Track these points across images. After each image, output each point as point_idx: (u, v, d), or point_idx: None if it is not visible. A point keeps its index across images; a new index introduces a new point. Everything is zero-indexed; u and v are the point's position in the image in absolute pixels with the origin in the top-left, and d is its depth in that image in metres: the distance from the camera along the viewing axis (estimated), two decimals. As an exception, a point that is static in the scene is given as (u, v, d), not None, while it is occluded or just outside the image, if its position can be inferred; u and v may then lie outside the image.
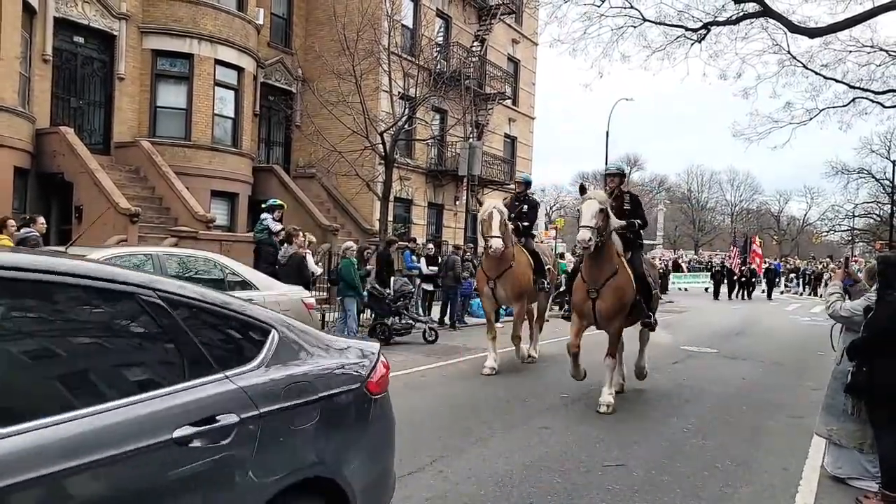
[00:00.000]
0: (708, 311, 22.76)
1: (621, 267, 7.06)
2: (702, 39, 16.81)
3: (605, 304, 6.97)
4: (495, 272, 8.98)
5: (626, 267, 7.13)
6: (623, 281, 6.99)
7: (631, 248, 7.42)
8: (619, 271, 7.00)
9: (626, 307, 7.10)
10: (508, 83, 27.49)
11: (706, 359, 11.21)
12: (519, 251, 9.29)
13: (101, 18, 16.37)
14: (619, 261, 7.09)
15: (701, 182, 70.32)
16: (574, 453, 5.51)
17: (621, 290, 6.98)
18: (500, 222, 8.63)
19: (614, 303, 6.96)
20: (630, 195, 7.65)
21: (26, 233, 9.63)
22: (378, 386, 3.13)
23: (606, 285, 6.96)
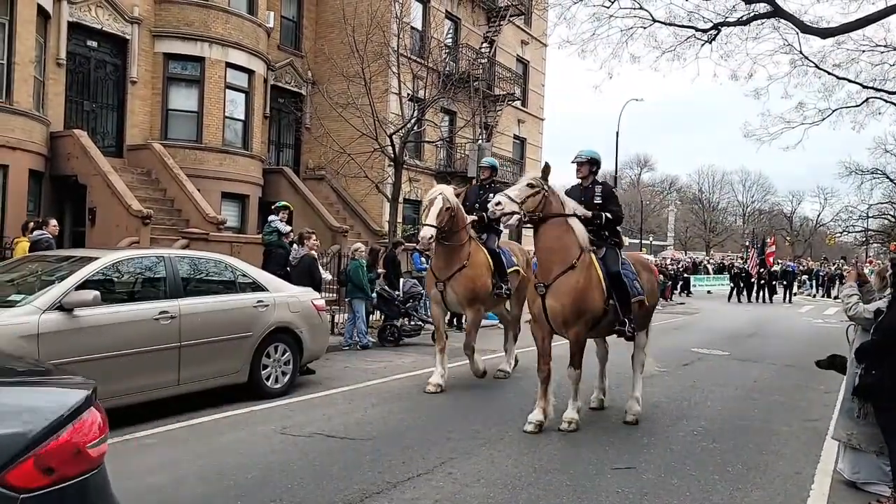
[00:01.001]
0: (720, 312, 22.62)
1: (583, 262, 5.99)
2: (712, 40, 16.71)
3: (557, 303, 5.93)
4: (445, 273, 7.78)
5: (594, 264, 6.08)
6: (581, 276, 5.93)
7: (603, 243, 6.37)
8: (580, 265, 5.95)
9: (584, 311, 5.96)
10: (518, 84, 27.47)
11: (717, 361, 11.14)
12: (476, 249, 7.96)
13: (114, 23, 16.52)
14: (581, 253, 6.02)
15: (712, 182, 69.96)
16: (583, 456, 5.49)
17: (578, 288, 5.91)
18: (440, 210, 7.38)
19: (568, 303, 5.90)
20: (603, 186, 6.63)
21: (39, 235, 9.76)
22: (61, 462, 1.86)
23: (561, 278, 5.92)
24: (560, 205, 6.08)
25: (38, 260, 6.83)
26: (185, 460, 4.99)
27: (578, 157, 6.59)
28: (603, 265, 6.14)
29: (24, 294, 5.51)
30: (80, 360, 5.36)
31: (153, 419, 5.98)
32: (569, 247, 5.99)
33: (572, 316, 5.94)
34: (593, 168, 6.60)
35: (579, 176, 6.60)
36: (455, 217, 7.66)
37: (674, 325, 17.93)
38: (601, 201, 6.44)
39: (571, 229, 6.04)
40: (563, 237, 6.00)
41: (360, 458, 5.18)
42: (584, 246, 6.05)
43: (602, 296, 6.03)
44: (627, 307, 6.24)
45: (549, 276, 5.96)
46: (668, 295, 27.03)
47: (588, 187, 6.52)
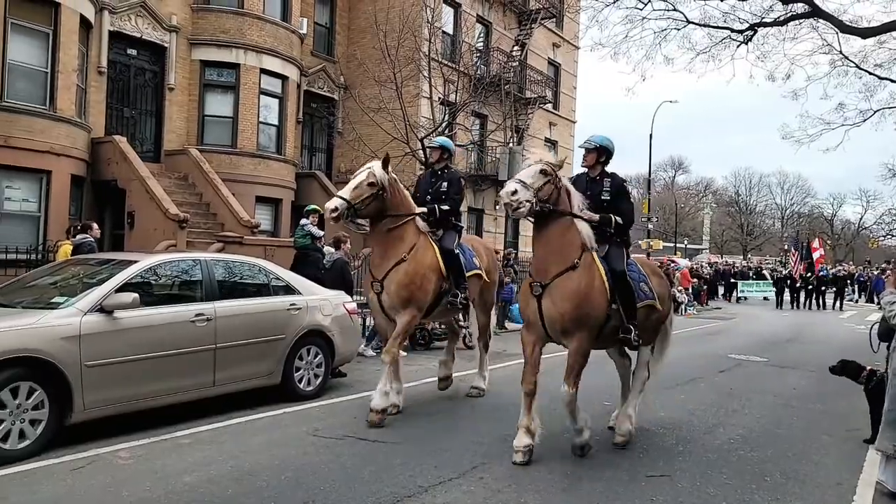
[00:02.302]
0: (757, 318, 22.16)
1: (585, 261, 5.30)
2: (748, 41, 16.41)
3: (556, 308, 5.17)
4: (381, 270, 6.43)
5: (596, 262, 5.40)
6: (584, 277, 5.22)
7: (607, 241, 5.64)
8: (582, 265, 5.25)
9: (588, 315, 5.21)
10: (549, 87, 27.32)
11: (754, 367, 10.91)
12: (425, 246, 6.61)
13: (153, 31, 16.92)
14: (583, 251, 5.34)
15: (749, 185, 68.60)
16: (616, 462, 5.42)
17: (580, 291, 5.18)
18: (359, 183, 6.14)
19: (569, 308, 5.14)
20: (613, 179, 5.77)
21: (82, 238, 10.04)
22: None
23: (561, 279, 5.18)
24: (567, 198, 5.40)
25: (80, 263, 7.00)
26: (219, 460, 5.06)
27: (588, 142, 5.83)
28: (605, 263, 5.44)
29: (67, 296, 5.66)
30: (120, 362, 5.49)
31: (189, 420, 6.08)
32: (571, 244, 5.31)
33: (573, 323, 5.18)
34: (602, 157, 5.80)
35: (585, 164, 5.87)
36: (385, 199, 6.31)
37: (710, 330, 17.63)
38: (609, 198, 5.69)
39: (575, 225, 5.38)
40: (565, 233, 5.32)
41: (391, 461, 5.19)
42: (587, 244, 5.39)
43: (605, 298, 5.30)
44: (632, 311, 5.52)
45: (547, 276, 5.23)
46: (703, 300, 26.58)
47: (596, 179, 5.78)
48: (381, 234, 6.48)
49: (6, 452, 4.83)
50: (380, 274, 6.45)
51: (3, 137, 12.90)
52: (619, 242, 5.72)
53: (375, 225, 6.46)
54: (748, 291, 31.75)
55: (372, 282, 6.56)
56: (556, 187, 5.28)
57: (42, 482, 4.51)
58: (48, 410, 5.08)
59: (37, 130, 13.42)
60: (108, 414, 5.56)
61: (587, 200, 5.62)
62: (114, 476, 4.66)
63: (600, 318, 5.31)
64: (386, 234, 6.45)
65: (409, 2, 19.80)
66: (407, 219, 6.56)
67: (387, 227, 6.43)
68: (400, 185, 6.63)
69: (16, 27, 13.18)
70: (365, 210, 6.20)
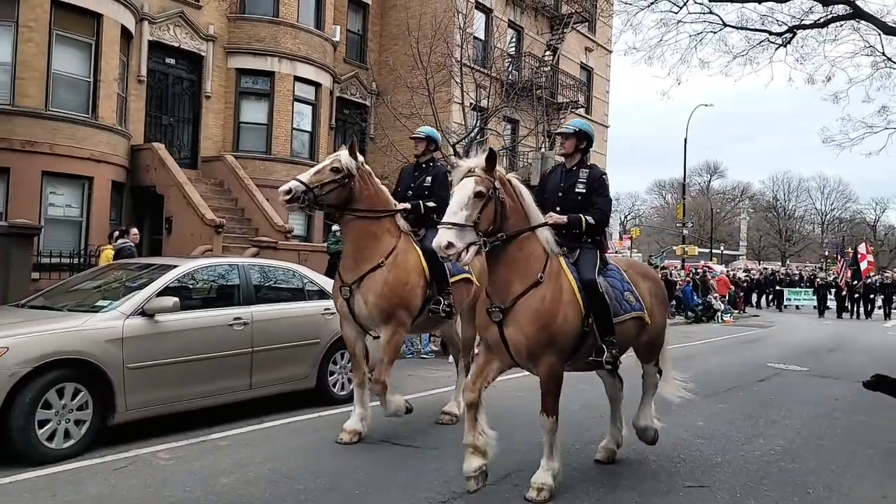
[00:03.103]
0: (797, 326, 21.65)
1: (551, 271, 4.53)
2: (787, 43, 16.08)
3: (518, 333, 4.41)
4: (353, 274, 5.66)
5: (564, 271, 4.60)
6: (550, 292, 4.45)
7: (577, 244, 4.87)
8: (548, 277, 4.48)
9: (556, 335, 4.42)
10: (581, 92, 27.18)
11: (795, 377, 10.64)
12: (406, 247, 5.86)
13: (191, 40, 17.30)
14: (548, 262, 4.56)
15: (788, 189, 67.11)
16: (654, 472, 5.34)
17: (545, 309, 4.40)
18: (322, 168, 5.56)
19: (534, 331, 4.38)
20: (591, 172, 5.03)
21: (122, 243, 10.29)
22: None
23: (524, 300, 4.41)
24: (520, 205, 4.53)
25: (122, 268, 7.18)
26: (256, 463, 5.12)
27: (565, 128, 5.18)
28: (575, 272, 4.67)
29: (110, 300, 5.81)
30: (160, 364, 5.61)
31: (226, 422, 6.17)
32: (531, 255, 4.51)
33: (539, 346, 4.40)
34: (582, 144, 5.09)
35: (563, 152, 5.18)
36: (353, 189, 5.59)
37: (748, 338, 17.29)
38: (585, 191, 4.94)
39: (532, 233, 4.56)
40: (524, 245, 4.50)
41: (425, 466, 5.19)
42: (549, 249, 4.61)
43: (578, 313, 4.51)
44: (608, 327, 4.67)
45: (508, 297, 4.43)
46: (740, 307, 26.09)
47: (572, 170, 5.06)
48: (352, 230, 5.73)
49: (52, 451, 4.97)
50: (351, 278, 5.65)
51: (47, 145, 13.31)
52: (591, 245, 4.91)
53: (343, 219, 5.76)
54: (796, 299, 30.24)
55: (340, 286, 5.75)
56: (501, 201, 4.32)
57: (86, 481, 4.62)
58: (92, 411, 5.22)
59: (79, 138, 13.81)
60: (149, 415, 5.68)
61: (559, 193, 4.98)
62: (154, 476, 4.76)
63: (572, 336, 4.51)
64: (358, 232, 5.70)
65: (440, 8, 19.90)
66: (384, 215, 5.80)
67: (358, 223, 5.68)
68: (374, 178, 5.93)
69: (60, 38, 13.61)
70: (326, 197, 5.49)
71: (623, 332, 4.87)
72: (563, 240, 4.78)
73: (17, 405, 4.80)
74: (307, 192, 5.37)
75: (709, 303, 22.44)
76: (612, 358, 4.69)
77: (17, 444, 4.83)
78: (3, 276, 8.75)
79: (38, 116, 13.24)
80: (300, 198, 5.37)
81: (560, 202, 4.94)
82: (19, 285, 8.79)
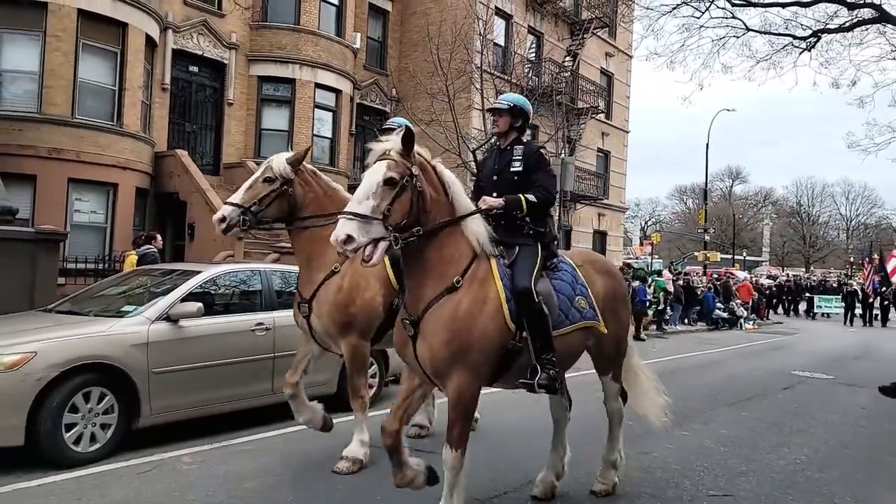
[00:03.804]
0: (822, 333, 21.32)
1: (475, 275, 3.85)
2: (812, 48, 15.89)
3: (423, 347, 3.76)
4: (309, 287, 5.17)
5: (492, 276, 3.90)
6: (466, 298, 3.77)
7: (517, 237, 4.17)
8: (467, 282, 3.81)
9: (467, 348, 3.71)
10: (601, 97, 27.06)
11: (820, 385, 10.47)
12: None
13: (214, 49, 17.53)
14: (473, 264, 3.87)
15: (812, 195, 66.16)
16: (676, 481, 5.28)
17: (456, 317, 3.72)
18: (255, 181, 5.01)
19: (438, 342, 3.70)
20: (526, 148, 4.43)
21: (146, 249, 10.42)
22: None
23: (435, 308, 3.76)
24: (444, 193, 3.87)
25: (146, 273, 7.28)
26: (279, 467, 5.15)
27: (498, 103, 4.53)
28: (507, 278, 3.95)
29: (135, 305, 5.89)
30: (185, 369, 5.67)
31: (250, 427, 6.22)
32: (452, 256, 3.84)
33: (446, 362, 3.70)
34: (517, 122, 4.46)
35: (496, 130, 4.58)
36: (296, 196, 5.07)
37: (771, 345, 17.06)
38: (521, 169, 4.29)
39: (459, 228, 3.92)
40: (445, 244, 3.83)
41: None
42: (478, 249, 3.91)
43: (501, 324, 3.82)
44: (545, 343, 3.94)
45: (419, 306, 3.79)
46: (762, 314, 25.75)
47: (506, 149, 4.45)
48: (301, 241, 5.19)
49: (78, 455, 5.04)
50: (308, 292, 5.13)
51: (74, 152, 13.55)
52: (532, 240, 4.20)
53: (292, 230, 5.26)
54: (827, 307, 29.26)
55: (299, 302, 5.25)
56: (419, 191, 3.67)
57: (111, 485, 4.68)
58: (117, 415, 5.29)
59: (104, 145, 14.05)
60: (173, 419, 5.74)
61: (494, 177, 4.39)
62: (178, 480, 4.80)
63: (490, 352, 3.80)
64: (308, 240, 5.13)
65: (461, 14, 19.96)
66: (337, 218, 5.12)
67: (307, 232, 5.12)
68: (322, 178, 5.36)
69: (86, 47, 13.86)
70: (267, 212, 5.00)
71: (569, 346, 4.18)
72: (505, 233, 4.13)
73: (44, 409, 4.88)
74: (244, 213, 4.89)
75: (731, 309, 22.18)
76: (546, 381, 3.93)
77: (45, 448, 4.91)
78: (30, 282, 8.90)
79: (64, 124, 13.49)
80: (239, 221, 4.88)
81: (496, 186, 4.31)
82: (46, 290, 8.93)
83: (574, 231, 25.99)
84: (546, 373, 3.94)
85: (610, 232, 29.05)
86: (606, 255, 27.86)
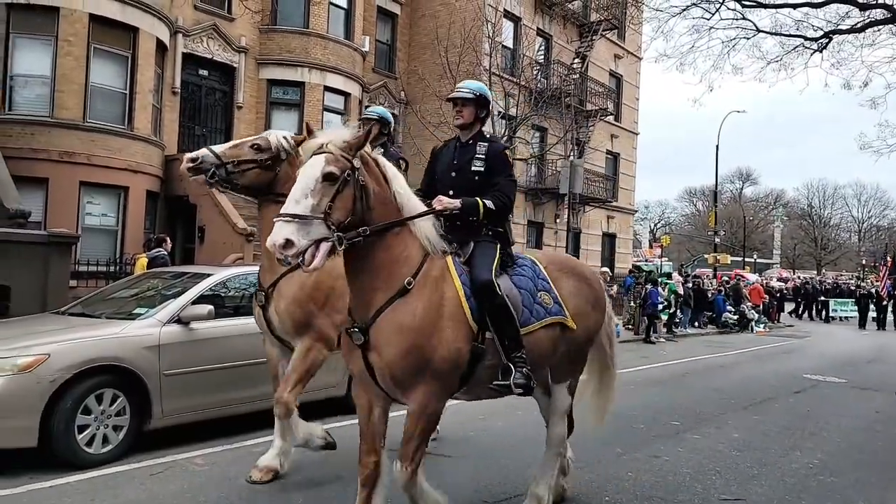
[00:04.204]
0: (834, 336, 21.15)
1: (428, 275, 3.53)
2: (823, 48, 15.79)
3: (378, 358, 3.43)
4: (269, 276, 4.79)
5: (449, 274, 3.59)
6: (421, 301, 3.45)
7: (471, 235, 3.86)
8: (420, 283, 3.48)
9: (430, 357, 3.40)
10: (611, 99, 27.03)
11: (833, 388, 10.39)
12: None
13: (223, 52, 17.63)
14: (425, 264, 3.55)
15: (823, 197, 65.78)
16: (688, 485, 5.24)
17: (413, 324, 3.40)
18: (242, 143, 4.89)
19: (395, 353, 3.37)
20: (491, 146, 4.06)
21: (156, 252, 10.47)
22: None
23: (385, 314, 3.43)
24: (390, 192, 3.53)
25: (157, 276, 7.31)
26: (291, 470, 5.15)
27: (462, 92, 4.05)
28: (465, 274, 3.66)
29: (146, 308, 5.92)
30: (196, 371, 5.69)
31: (261, 429, 6.21)
32: (401, 257, 3.51)
33: (407, 373, 3.40)
34: (481, 113, 4.08)
35: (458, 122, 4.10)
36: (277, 175, 4.78)
37: (782, 348, 16.94)
38: (483, 169, 3.97)
39: (406, 226, 3.58)
40: (392, 244, 3.50)
41: (456, 475, 5.17)
42: (430, 248, 3.60)
43: (463, 327, 3.51)
44: (513, 340, 3.65)
45: (368, 312, 3.46)
46: (773, 317, 25.58)
47: (468, 144, 4.07)
48: (269, 218, 4.04)
49: (91, 456, 5.06)
50: (267, 281, 4.75)
51: (85, 156, 13.66)
52: (490, 237, 3.91)
53: (263, 204, 4.87)
54: (842, 311, 28.71)
55: (256, 291, 4.93)
56: (363, 186, 3.34)
57: (124, 486, 4.70)
58: (129, 417, 5.32)
59: (115, 149, 14.15)
60: (184, 421, 5.76)
61: (452, 173, 4.02)
62: (190, 482, 4.82)
63: (454, 357, 3.47)
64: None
65: (469, 17, 19.99)
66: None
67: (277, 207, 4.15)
68: None
69: (98, 52, 13.98)
70: (241, 178, 4.74)
71: (536, 345, 3.81)
72: (457, 233, 3.83)
73: (58, 410, 4.91)
74: (219, 167, 4.63)
75: (742, 312, 22.05)
76: (523, 379, 3.61)
77: (58, 449, 4.93)
78: (42, 284, 8.97)
79: (75, 128, 13.61)
80: (209, 171, 4.61)
81: (453, 183, 3.96)
82: (58, 292, 9.00)
83: (583, 234, 25.93)
84: (521, 372, 3.62)
85: (619, 234, 28.96)
86: (616, 258, 27.87)
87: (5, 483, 4.63)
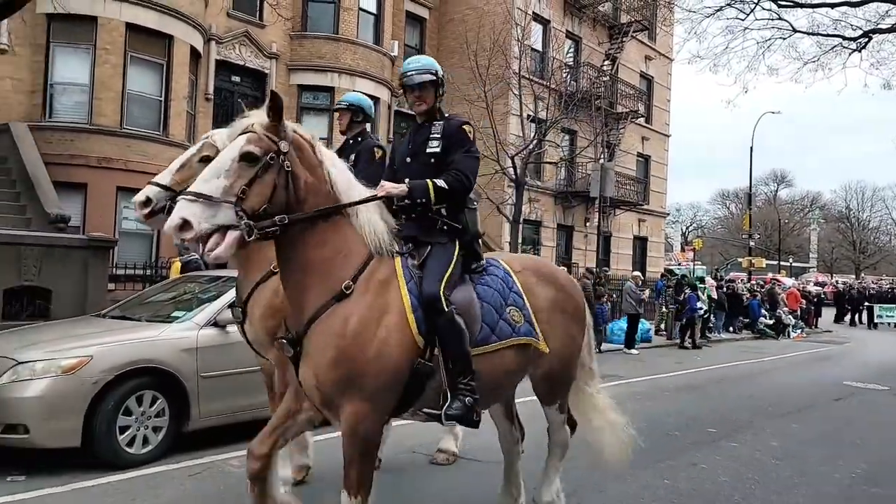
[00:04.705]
0: (873, 342, 20.61)
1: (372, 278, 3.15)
2: (862, 48, 15.45)
3: (310, 369, 3.07)
4: (243, 289, 4.38)
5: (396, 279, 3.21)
6: (358, 308, 3.06)
7: (429, 234, 3.45)
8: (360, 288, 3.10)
9: (362, 372, 2.99)
10: (641, 101, 26.75)
11: (875, 396, 10.12)
12: None
13: (255, 59, 17.90)
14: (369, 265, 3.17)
15: (861, 199, 64.13)
16: (725, 492, 5.15)
17: (346, 332, 3.01)
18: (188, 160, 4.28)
19: (325, 365, 3.00)
20: (446, 124, 3.62)
21: (189, 256, 10.64)
22: None
23: (320, 321, 3.06)
24: (326, 180, 3.13)
25: (192, 280, 7.42)
26: (323, 471, 5.16)
27: (416, 74, 3.64)
28: (415, 279, 3.25)
29: (184, 311, 6.02)
30: (231, 373, 5.76)
31: (293, 431, 6.27)
32: (339, 254, 3.13)
33: (333, 389, 3.02)
34: (440, 92, 3.69)
35: (423, 108, 3.67)
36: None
37: (820, 354, 16.58)
38: (439, 149, 3.54)
39: (346, 221, 3.18)
40: (327, 241, 3.11)
41: (487, 480, 5.14)
42: (374, 245, 3.20)
43: (407, 339, 3.11)
44: (461, 364, 3.20)
45: (301, 319, 3.10)
46: (811, 322, 25.04)
47: (423, 126, 3.69)
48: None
49: (132, 456, 5.17)
50: (243, 293, 4.35)
51: (122, 161, 13.95)
52: (448, 234, 3.45)
53: None
54: (889, 316, 27.43)
55: (231, 306, 4.67)
56: (291, 172, 2.97)
57: (163, 485, 4.79)
58: (168, 418, 5.41)
59: (151, 154, 14.41)
60: (221, 423, 5.83)
61: (408, 159, 3.64)
62: (226, 482, 4.88)
63: (392, 375, 3.06)
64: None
65: (498, 21, 19.98)
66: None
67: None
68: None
69: (134, 59, 14.29)
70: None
71: (497, 367, 3.40)
72: (416, 230, 3.41)
73: (100, 411, 5.02)
74: (173, 199, 3.61)
75: (778, 317, 21.61)
76: (459, 411, 3.16)
77: (100, 449, 5.04)
78: (82, 287, 9.19)
79: (113, 134, 13.91)
80: (165, 206, 3.88)
81: (409, 170, 3.56)
82: (97, 296, 9.21)
83: (614, 237, 25.68)
84: (460, 401, 3.17)
85: (651, 238, 28.63)
86: (647, 262, 27.52)
87: (51, 482, 4.75)
